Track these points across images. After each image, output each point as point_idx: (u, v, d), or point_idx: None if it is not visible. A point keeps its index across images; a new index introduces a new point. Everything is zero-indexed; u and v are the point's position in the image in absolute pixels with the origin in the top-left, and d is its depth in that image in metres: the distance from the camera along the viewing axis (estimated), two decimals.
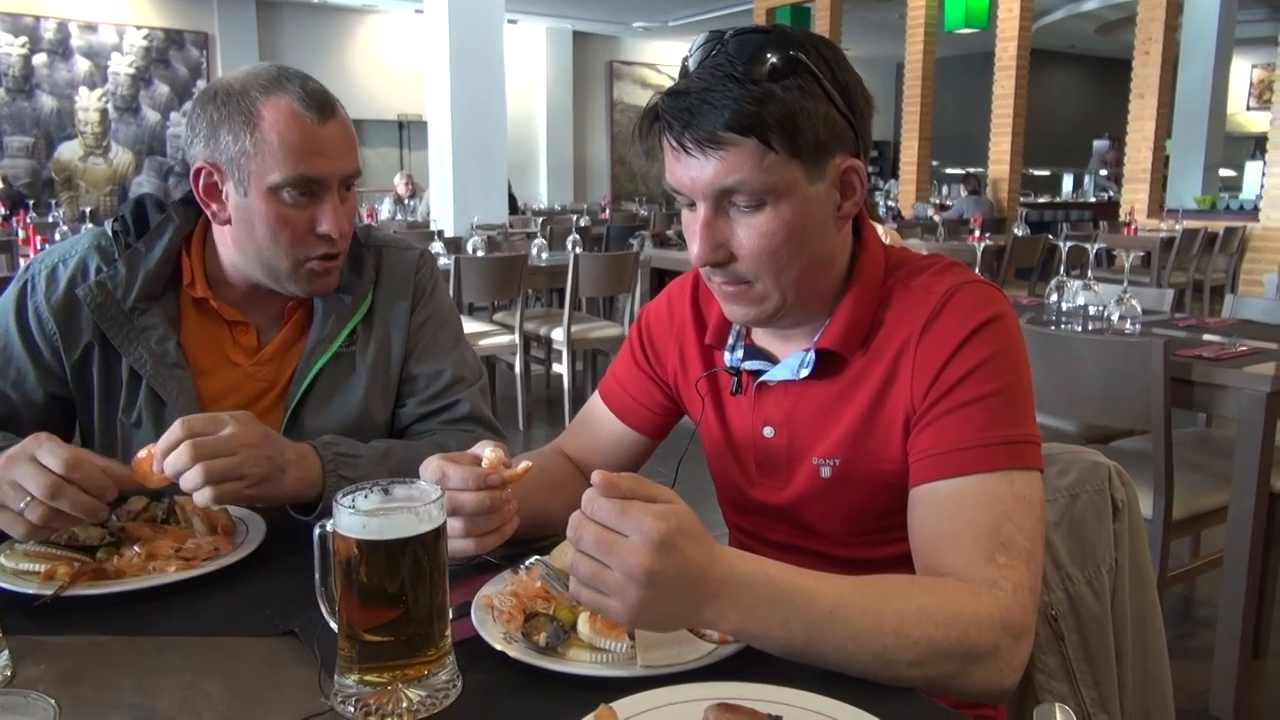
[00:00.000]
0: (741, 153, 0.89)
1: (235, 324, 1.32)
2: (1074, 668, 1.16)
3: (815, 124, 0.90)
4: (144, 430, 1.25)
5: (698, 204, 0.94)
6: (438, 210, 7.65)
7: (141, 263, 1.26)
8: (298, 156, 1.17)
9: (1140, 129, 8.63)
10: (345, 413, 1.32)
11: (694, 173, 0.92)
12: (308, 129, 1.17)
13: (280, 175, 1.17)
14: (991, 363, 0.94)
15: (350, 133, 1.24)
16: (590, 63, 15.25)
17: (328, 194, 1.21)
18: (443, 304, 1.42)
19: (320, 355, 1.31)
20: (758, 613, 0.79)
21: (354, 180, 1.25)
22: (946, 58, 10.60)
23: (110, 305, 1.24)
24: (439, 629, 0.80)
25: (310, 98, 1.18)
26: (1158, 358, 2.12)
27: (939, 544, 0.91)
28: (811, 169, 0.92)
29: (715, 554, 0.78)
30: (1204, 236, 7.28)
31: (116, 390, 1.27)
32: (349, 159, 1.22)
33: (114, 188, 11.67)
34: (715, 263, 0.95)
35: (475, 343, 4.69)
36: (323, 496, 1.12)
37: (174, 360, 1.26)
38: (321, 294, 1.29)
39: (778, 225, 0.93)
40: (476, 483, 0.91)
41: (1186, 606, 2.90)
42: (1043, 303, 3.06)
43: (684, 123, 0.90)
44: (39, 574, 0.98)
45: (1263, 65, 14.80)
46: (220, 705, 0.79)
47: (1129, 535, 1.21)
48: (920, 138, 10.00)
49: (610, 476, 0.77)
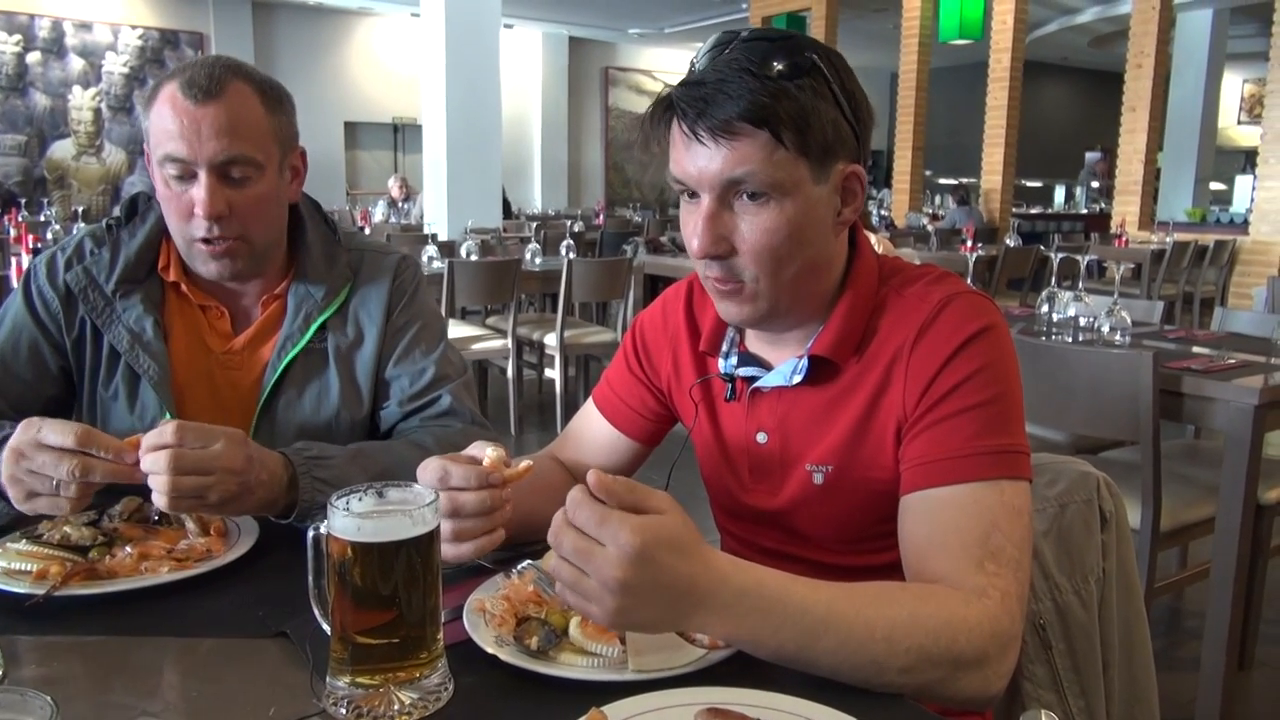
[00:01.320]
0: (753, 144, 0.90)
1: (208, 309, 1.36)
2: (1061, 677, 1.16)
3: (824, 125, 0.92)
4: (120, 404, 1.32)
5: (702, 196, 0.95)
6: (432, 214, 7.64)
7: (123, 248, 1.33)
8: (164, 136, 1.21)
9: (1132, 141, 8.69)
10: (317, 408, 1.35)
11: (703, 162, 0.92)
12: (179, 111, 1.20)
13: (156, 154, 1.22)
14: (983, 373, 0.95)
15: (234, 119, 1.21)
16: (586, 68, 15.27)
17: (198, 176, 1.22)
18: (424, 307, 1.43)
19: (290, 349, 1.33)
20: (748, 621, 0.79)
21: (237, 167, 1.23)
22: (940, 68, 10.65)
23: (93, 289, 1.31)
24: (431, 632, 0.80)
25: (193, 82, 1.20)
26: (1147, 369, 2.13)
27: (929, 551, 0.92)
28: (817, 170, 0.94)
29: (705, 562, 0.78)
30: (1194, 249, 7.32)
31: (98, 366, 1.33)
32: (218, 143, 1.20)
33: (106, 187, 11.63)
34: (715, 256, 0.96)
35: (468, 347, 4.69)
36: (298, 501, 1.13)
37: (150, 338, 1.31)
38: (222, 278, 1.30)
39: (781, 222, 0.94)
40: (479, 481, 0.91)
41: (1174, 617, 2.92)
42: (1034, 313, 3.08)
43: (698, 110, 0.91)
44: (31, 574, 0.98)
45: (1253, 80, 14.91)
46: (212, 706, 0.79)
47: (1117, 545, 1.22)
48: (914, 147, 10.04)
49: (603, 478, 0.77)
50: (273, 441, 1.31)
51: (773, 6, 10.51)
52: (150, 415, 1.31)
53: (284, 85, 1.32)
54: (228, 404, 1.35)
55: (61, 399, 1.36)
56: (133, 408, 1.32)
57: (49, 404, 1.35)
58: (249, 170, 1.24)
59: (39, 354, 1.34)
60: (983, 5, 8.94)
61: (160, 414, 1.31)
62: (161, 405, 1.30)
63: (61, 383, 1.36)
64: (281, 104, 1.29)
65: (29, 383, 1.34)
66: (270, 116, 1.26)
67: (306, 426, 1.34)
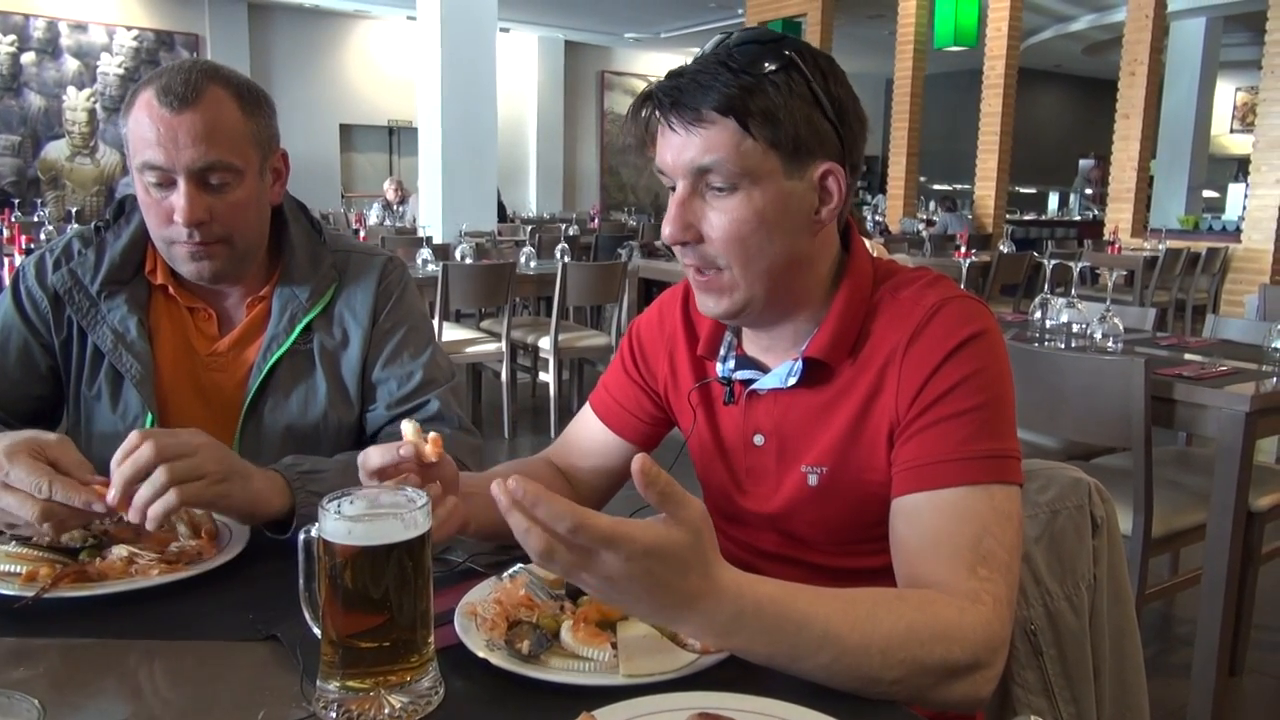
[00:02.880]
0: (721, 133, 0.92)
1: (195, 310, 1.37)
2: (1052, 683, 1.16)
3: (797, 122, 0.93)
4: (103, 403, 1.33)
5: (676, 183, 0.97)
6: (426, 217, 7.64)
7: (108, 249, 1.34)
8: (141, 144, 1.21)
9: (1125, 149, 8.72)
10: (304, 410, 1.34)
11: (675, 150, 0.95)
12: (155, 118, 1.20)
13: (135, 161, 1.23)
14: (975, 378, 0.95)
15: (212, 126, 1.21)
16: (581, 72, 15.29)
17: (177, 183, 1.22)
18: (412, 309, 1.42)
19: (276, 350, 1.33)
20: (744, 635, 0.79)
21: (216, 173, 1.23)
22: (935, 75, 10.67)
23: (78, 289, 1.32)
24: (422, 635, 0.80)
25: (168, 89, 1.20)
26: (1139, 376, 2.14)
27: (920, 554, 0.92)
28: (790, 165, 0.95)
29: (706, 583, 0.76)
30: (1186, 256, 7.35)
31: (83, 365, 1.34)
32: (196, 150, 1.20)
33: (100, 188, 11.61)
34: (684, 241, 0.98)
35: (462, 350, 4.69)
36: (295, 514, 1.11)
37: (134, 338, 1.31)
38: (203, 279, 1.30)
39: (749, 212, 0.95)
40: (392, 456, 0.92)
41: (1165, 623, 2.92)
42: (1027, 319, 3.09)
43: (672, 100, 0.94)
44: (20, 575, 0.98)
45: (1246, 88, 14.98)
46: (201, 710, 0.79)
47: (1108, 552, 1.22)
48: (908, 153, 10.06)
49: (649, 468, 0.73)
50: (259, 444, 1.31)
51: (768, 12, 10.53)
52: (133, 414, 1.31)
53: (263, 87, 1.32)
54: (213, 406, 1.34)
55: (50, 398, 1.37)
56: (115, 407, 1.33)
57: (38, 404, 1.36)
58: (228, 176, 1.24)
59: (28, 354, 1.34)
60: (977, 12, 8.98)
61: (143, 413, 1.31)
62: (144, 405, 1.30)
63: (50, 382, 1.36)
64: (260, 107, 1.28)
65: (17, 382, 1.34)
66: (248, 120, 1.26)
67: (294, 428, 1.34)
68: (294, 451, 1.21)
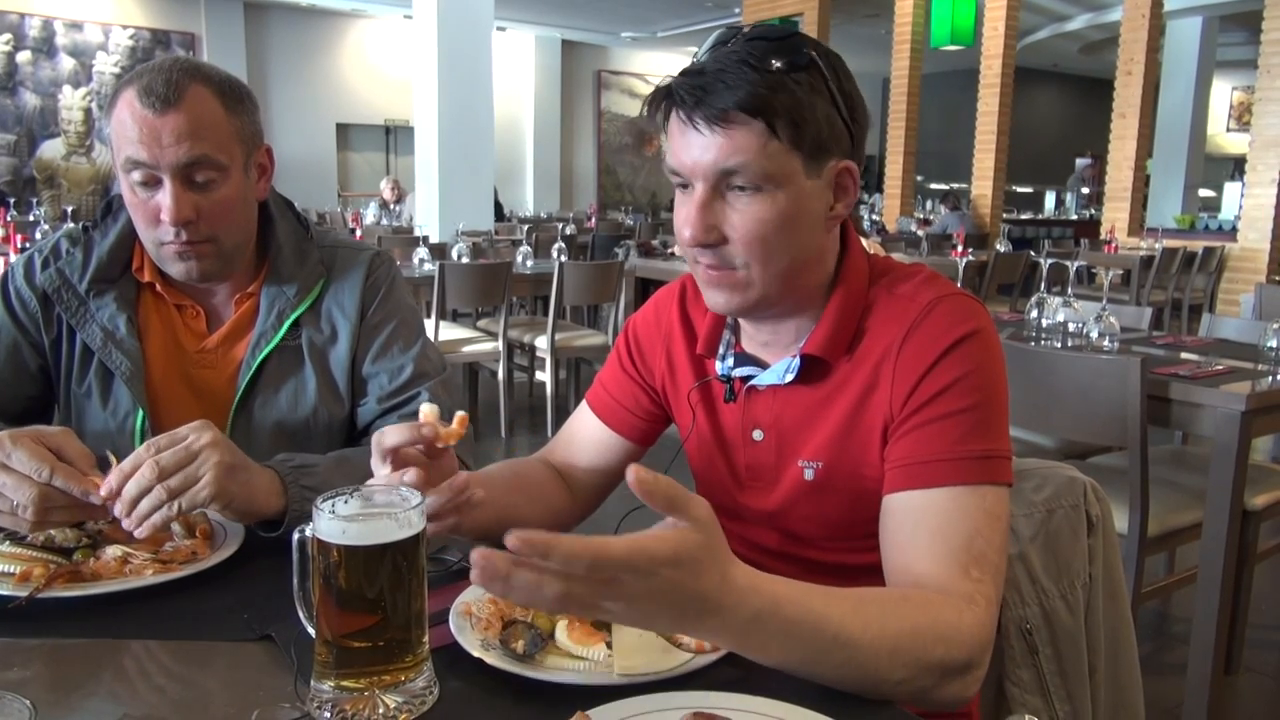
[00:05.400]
0: (748, 134, 0.91)
1: (184, 308, 1.37)
2: (1048, 681, 1.17)
3: (819, 121, 0.93)
4: (94, 401, 1.33)
5: (695, 185, 0.95)
6: (423, 216, 7.63)
7: (95, 248, 1.34)
8: (125, 144, 1.21)
9: (1122, 148, 8.73)
10: (294, 406, 1.35)
11: (697, 151, 0.93)
12: (138, 120, 1.20)
13: (120, 160, 1.23)
14: (969, 377, 0.95)
15: (195, 124, 1.21)
16: (578, 72, 15.27)
17: (163, 182, 1.22)
18: (400, 304, 1.42)
19: (264, 346, 1.34)
20: (762, 636, 0.77)
21: (200, 172, 1.23)
22: (932, 74, 10.67)
23: (67, 289, 1.32)
24: (417, 635, 0.80)
25: (150, 89, 1.19)
26: (1135, 375, 2.14)
27: (911, 553, 0.92)
28: (810, 164, 0.94)
29: (724, 582, 0.73)
30: (1183, 256, 7.36)
31: (73, 364, 1.34)
32: (179, 149, 1.20)
33: (96, 187, 11.59)
34: (706, 244, 0.96)
35: (458, 349, 4.69)
36: (288, 510, 1.11)
37: (123, 335, 1.32)
38: (191, 278, 1.30)
39: (773, 213, 0.94)
40: (413, 435, 0.92)
41: (1161, 622, 2.93)
42: (1023, 318, 3.09)
43: (696, 99, 0.92)
44: (14, 575, 0.97)
45: (1242, 88, 15.00)
46: (195, 709, 0.79)
47: (1103, 551, 1.22)
48: (905, 152, 10.06)
49: (645, 477, 0.68)
50: (250, 440, 1.31)
51: (765, 11, 10.53)
52: (124, 411, 1.32)
53: (257, 86, 1.33)
54: (204, 402, 1.34)
55: (41, 398, 1.38)
56: (106, 404, 1.33)
57: (29, 403, 1.36)
58: (213, 174, 1.24)
59: (18, 354, 1.35)
60: (974, 12, 8.98)
61: (133, 410, 1.31)
62: (135, 402, 1.30)
63: (41, 382, 1.36)
64: (242, 103, 1.28)
65: (8, 382, 1.34)
66: (231, 117, 1.25)
67: (284, 424, 1.34)
68: (285, 447, 1.22)
